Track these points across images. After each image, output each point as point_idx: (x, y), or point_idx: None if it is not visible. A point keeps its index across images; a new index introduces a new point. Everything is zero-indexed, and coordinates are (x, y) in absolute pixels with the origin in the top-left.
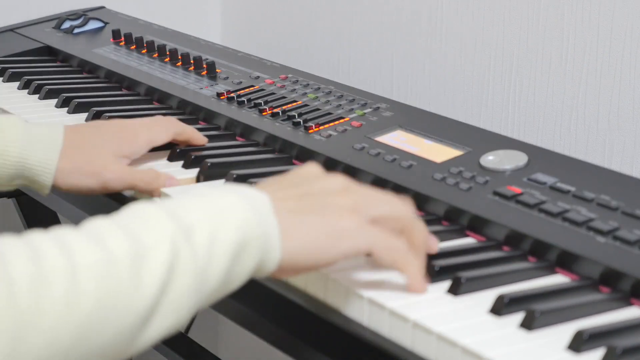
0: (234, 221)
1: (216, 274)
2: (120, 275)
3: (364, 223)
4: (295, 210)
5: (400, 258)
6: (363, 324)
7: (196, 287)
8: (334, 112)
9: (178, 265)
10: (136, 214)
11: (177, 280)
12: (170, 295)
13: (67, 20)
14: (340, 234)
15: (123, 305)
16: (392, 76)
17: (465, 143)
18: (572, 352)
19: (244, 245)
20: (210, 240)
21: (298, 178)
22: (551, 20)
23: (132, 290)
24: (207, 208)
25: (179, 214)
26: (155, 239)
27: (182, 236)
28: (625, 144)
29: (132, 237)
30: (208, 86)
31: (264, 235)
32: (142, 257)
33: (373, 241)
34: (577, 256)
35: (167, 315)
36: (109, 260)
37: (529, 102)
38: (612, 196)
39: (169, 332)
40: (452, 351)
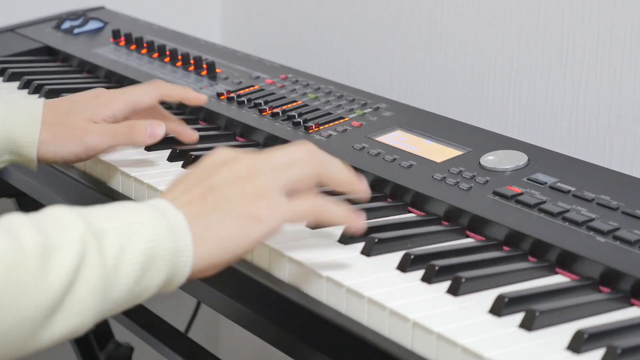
0: (144, 234)
1: (124, 283)
2: (26, 265)
3: (269, 203)
4: (202, 211)
5: (318, 214)
6: (363, 324)
7: (102, 292)
8: (334, 112)
9: (85, 266)
10: (51, 214)
11: (83, 280)
12: (75, 295)
13: (67, 20)
14: (249, 223)
15: (27, 295)
16: (392, 76)
17: (465, 143)
18: (572, 352)
19: (154, 258)
20: (120, 249)
21: (203, 171)
22: (551, 20)
23: (37, 282)
24: (120, 218)
25: (91, 220)
26: (65, 238)
27: (92, 239)
28: (625, 144)
29: (43, 233)
30: (208, 86)
31: (174, 251)
32: (50, 252)
33: (286, 216)
34: (577, 256)
35: (70, 315)
36: (17, 250)
37: (529, 102)
38: (612, 196)
39: (72, 334)
40: (452, 351)
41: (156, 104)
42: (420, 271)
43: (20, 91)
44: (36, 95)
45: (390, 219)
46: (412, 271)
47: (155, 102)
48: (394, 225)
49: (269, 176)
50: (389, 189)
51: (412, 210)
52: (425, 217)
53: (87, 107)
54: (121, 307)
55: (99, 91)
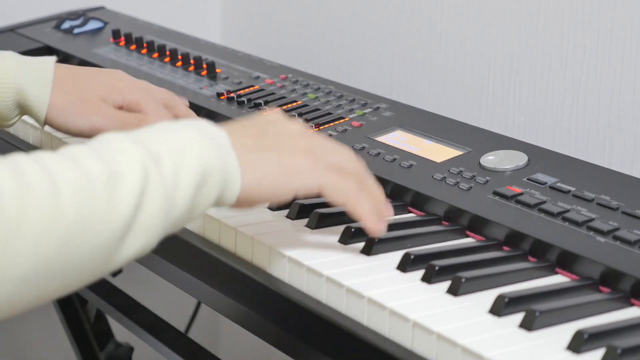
0: (196, 154)
1: (182, 201)
2: (97, 192)
3: (315, 163)
4: (252, 147)
5: (351, 199)
6: (363, 324)
7: (165, 212)
8: (334, 112)
9: (149, 189)
10: (107, 141)
11: (148, 202)
12: (142, 217)
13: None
14: (293, 172)
15: (100, 221)
16: (392, 76)
17: (465, 143)
18: (572, 352)
19: (206, 177)
20: (176, 169)
21: (258, 121)
22: (551, 20)
23: (107, 208)
24: (169, 140)
25: (146, 143)
26: (127, 163)
27: (151, 162)
28: (625, 144)
29: (106, 160)
30: (208, 86)
31: (224, 168)
32: (116, 178)
33: (324, 181)
34: (577, 256)
35: (139, 235)
36: (86, 179)
37: (529, 102)
38: (612, 196)
39: (140, 254)
40: (452, 351)
41: None
42: (420, 271)
43: None
44: None
45: (390, 218)
46: (412, 271)
47: None
48: (394, 225)
49: (318, 144)
50: (389, 189)
51: (412, 210)
52: (425, 217)
53: (102, 86)
54: (179, 225)
55: (118, 75)
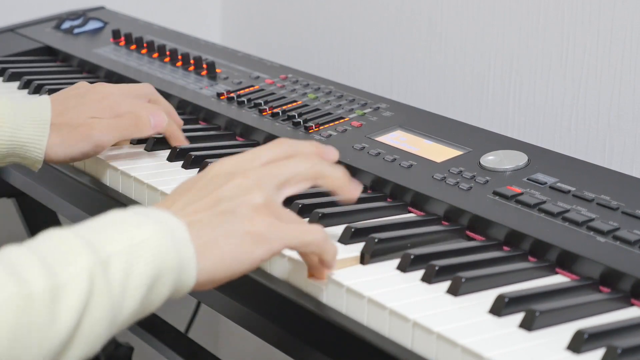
0: (149, 255)
1: (130, 306)
2: (36, 310)
3: (276, 224)
4: (208, 223)
5: (318, 248)
6: (363, 324)
7: (110, 319)
8: (334, 112)
9: (93, 300)
10: (54, 243)
11: (92, 314)
12: (85, 329)
13: (67, 20)
14: (254, 240)
15: (38, 339)
16: (392, 76)
17: (465, 143)
18: (572, 352)
19: (159, 277)
20: (126, 274)
21: (208, 182)
22: (551, 20)
23: (47, 325)
24: (124, 240)
25: (96, 245)
26: (72, 273)
27: (99, 270)
28: (625, 144)
29: (49, 269)
30: (208, 86)
31: (179, 265)
32: (59, 292)
33: (289, 239)
34: (577, 256)
35: (80, 346)
36: (26, 295)
37: (529, 102)
38: (612, 196)
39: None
40: (452, 351)
41: None
42: (420, 271)
43: (21, 91)
44: (36, 95)
45: (390, 219)
46: (412, 271)
47: None
48: (394, 225)
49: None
50: (389, 189)
51: (412, 210)
52: (425, 217)
53: (92, 107)
54: (126, 325)
55: (102, 91)
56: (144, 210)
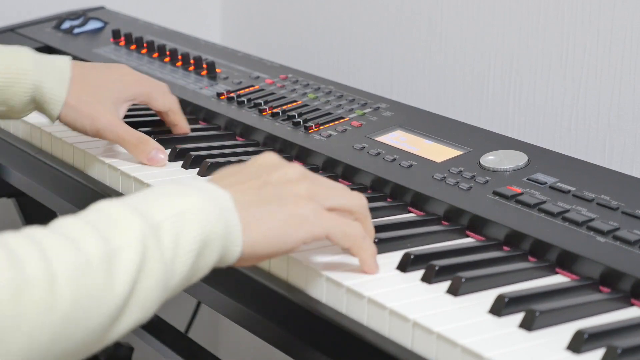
0: (197, 221)
1: (181, 271)
2: (94, 275)
3: (320, 210)
4: (255, 202)
5: (357, 244)
6: (363, 324)
7: (163, 285)
8: (334, 112)
9: (147, 265)
10: (106, 213)
11: (146, 279)
12: (139, 294)
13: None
14: (298, 222)
15: (96, 305)
16: (392, 76)
17: (465, 143)
18: (572, 352)
19: (207, 243)
20: (176, 238)
21: (256, 168)
22: (551, 20)
23: (104, 290)
24: (172, 207)
25: (144, 212)
26: (125, 240)
27: (151, 235)
28: (625, 144)
29: (104, 237)
30: (208, 86)
31: (225, 232)
32: (113, 258)
33: (330, 227)
34: (577, 256)
35: (135, 311)
36: (83, 263)
37: (529, 102)
38: (612, 196)
39: (137, 325)
40: (452, 351)
41: None
42: (420, 271)
43: None
44: None
45: (390, 219)
46: (412, 271)
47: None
48: (394, 225)
49: (319, 187)
50: (389, 189)
51: (412, 210)
52: (425, 217)
53: (113, 83)
54: (177, 291)
55: (126, 70)
56: (186, 181)
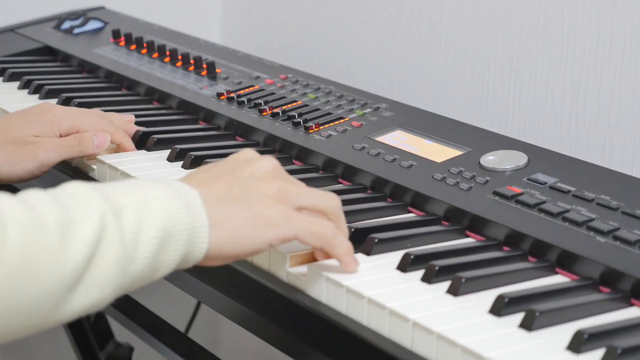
0: (161, 210)
1: (142, 257)
2: (46, 237)
3: (288, 211)
4: (223, 199)
5: (327, 243)
6: (363, 324)
7: (122, 265)
8: (334, 112)
9: (105, 239)
10: (70, 190)
11: (104, 253)
12: (96, 268)
13: (67, 20)
14: (264, 223)
15: (48, 267)
16: (392, 76)
17: (465, 143)
18: (572, 352)
19: (171, 234)
20: (138, 224)
21: (230, 164)
22: (551, 20)
23: (57, 254)
24: (136, 195)
25: (109, 195)
26: (84, 213)
27: (111, 214)
28: (625, 144)
29: (63, 207)
30: (208, 86)
31: (191, 226)
32: (70, 226)
33: (298, 229)
34: (577, 256)
35: (91, 287)
36: (37, 224)
37: (529, 102)
38: (612, 196)
39: (93, 307)
40: (452, 351)
41: None
42: (420, 271)
43: (21, 91)
44: (36, 95)
45: (390, 219)
46: (412, 271)
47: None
48: (394, 225)
49: (290, 186)
50: (389, 189)
51: (412, 210)
52: (425, 217)
53: (34, 124)
54: (140, 282)
55: (45, 108)
56: (155, 178)
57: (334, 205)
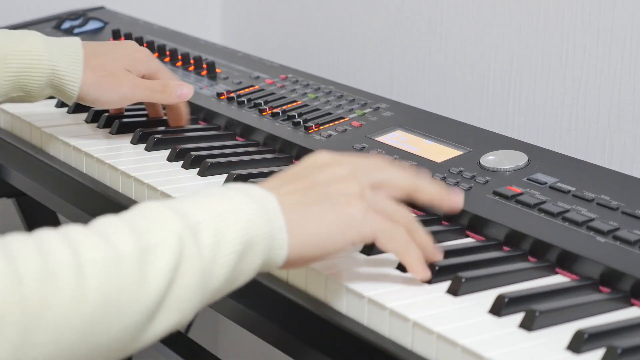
0: (239, 221)
1: (221, 273)
2: (125, 271)
3: (369, 211)
4: (302, 203)
5: (402, 247)
6: (363, 324)
7: (201, 285)
8: (334, 112)
9: (184, 263)
10: (143, 212)
11: (183, 278)
12: (175, 293)
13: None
14: (346, 223)
15: (128, 301)
16: (392, 76)
17: (465, 143)
18: (572, 352)
19: (250, 245)
20: (216, 239)
21: (304, 169)
22: (551, 20)
23: (137, 286)
24: (213, 208)
25: (185, 212)
26: (161, 236)
27: (189, 234)
28: (625, 144)
29: (138, 233)
30: (208, 86)
31: (270, 234)
32: (147, 254)
33: (378, 230)
34: (577, 256)
35: (171, 312)
36: (114, 257)
37: (529, 102)
38: (612, 196)
39: (174, 328)
40: (452, 351)
41: None
42: None
43: None
44: None
45: None
46: None
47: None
48: None
49: (369, 191)
50: None
51: (413, 211)
52: (425, 217)
53: (125, 58)
54: (219, 294)
55: (135, 47)
56: (230, 184)
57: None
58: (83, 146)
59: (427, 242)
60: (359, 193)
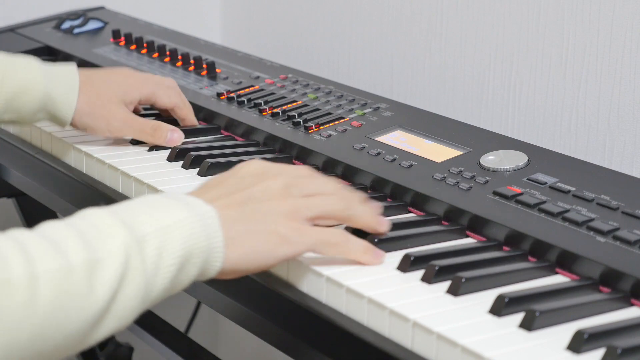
0: (182, 236)
1: (162, 283)
2: (75, 281)
3: (301, 227)
4: (238, 219)
5: (342, 250)
6: (363, 324)
7: (143, 295)
8: (334, 112)
9: (128, 275)
10: (91, 221)
11: (127, 289)
12: (119, 302)
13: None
14: (279, 241)
15: (76, 310)
16: (392, 76)
17: (465, 143)
18: (572, 352)
19: (189, 258)
20: (159, 252)
21: (240, 178)
22: (551, 20)
23: (85, 296)
24: (157, 221)
25: (132, 224)
26: (109, 249)
27: (135, 247)
28: (625, 144)
29: (89, 245)
30: (208, 86)
31: (208, 248)
32: (96, 266)
33: (312, 244)
34: (577, 256)
35: (114, 319)
36: (66, 268)
37: (529, 102)
38: (612, 196)
39: (114, 333)
40: (452, 351)
41: None
42: (420, 271)
43: None
44: None
45: (390, 219)
46: (412, 271)
47: (170, 107)
48: (394, 225)
49: (301, 202)
50: (389, 189)
51: (412, 210)
52: (425, 217)
53: (118, 86)
54: (155, 302)
55: (128, 72)
56: (174, 194)
57: (345, 207)
58: (83, 146)
59: (368, 221)
60: (291, 210)
